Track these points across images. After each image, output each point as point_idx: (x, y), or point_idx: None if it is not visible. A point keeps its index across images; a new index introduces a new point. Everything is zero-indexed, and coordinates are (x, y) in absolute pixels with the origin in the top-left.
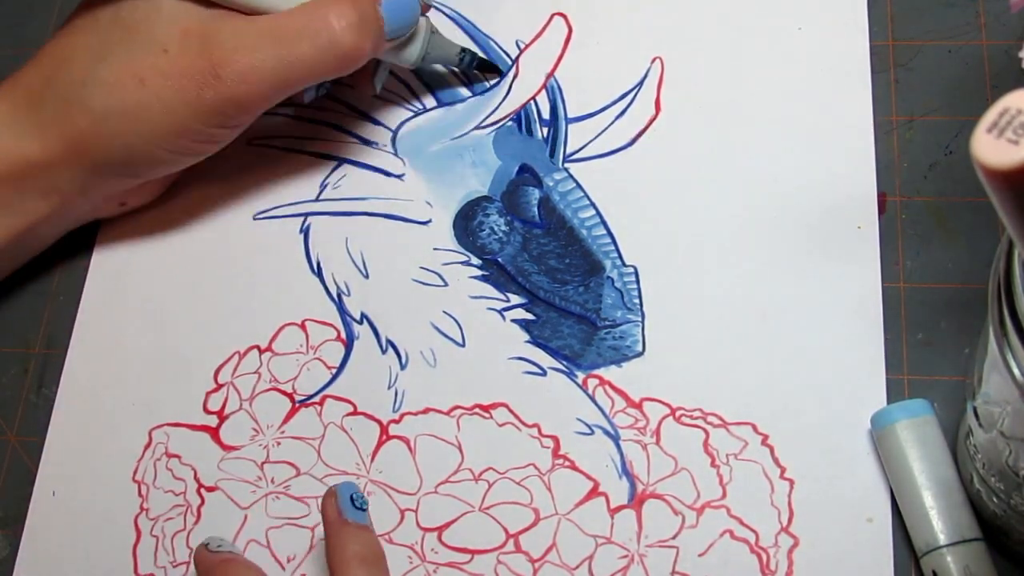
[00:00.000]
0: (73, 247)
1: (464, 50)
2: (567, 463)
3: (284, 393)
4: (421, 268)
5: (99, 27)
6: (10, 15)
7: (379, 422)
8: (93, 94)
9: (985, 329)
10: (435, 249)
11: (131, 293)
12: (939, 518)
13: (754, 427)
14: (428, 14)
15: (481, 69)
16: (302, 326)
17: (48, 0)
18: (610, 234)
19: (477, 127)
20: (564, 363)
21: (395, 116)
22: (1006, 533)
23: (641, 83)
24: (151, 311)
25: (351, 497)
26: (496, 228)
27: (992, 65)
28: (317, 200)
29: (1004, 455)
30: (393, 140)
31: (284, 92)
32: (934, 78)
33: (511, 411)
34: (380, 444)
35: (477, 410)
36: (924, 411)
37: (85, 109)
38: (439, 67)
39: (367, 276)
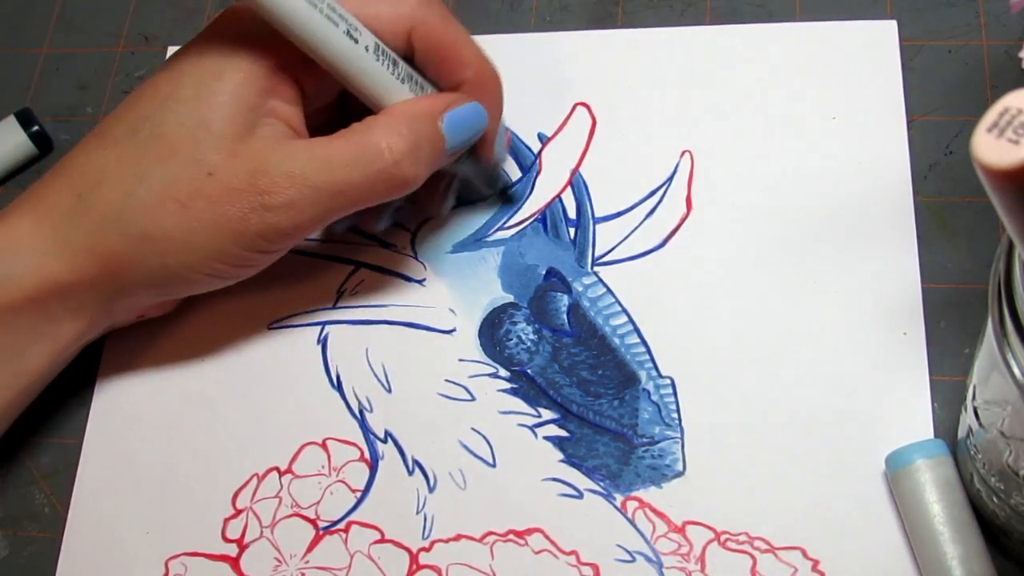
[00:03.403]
0: None
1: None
2: None
3: (307, 519)
4: (446, 381)
5: (139, 143)
6: (10, 15)
7: (408, 550)
8: (132, 217)
9: (985, 329)
10: (460, 360)
11: (140, 412)
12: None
13: (803, 552)
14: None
15: (504, 194)
16: (323, 445)
17: (48, 0)
18: (644, 342)
19: (500, 228)
20: (601, 484)
21: (414, 216)
22: (1006, 533)
23: (671, 179)
24: (162, 430)
25: None
26: (524, 337)
27: (992, 65)
28: (334, 308)
29: (1004, 455)
30: (412, 242)
31: (331, 218)
32: (934, 78)
33: (547, 537)
34: (411, 574)
35: (511, 536)
36: (939, 452)
37: (122, 232)
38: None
39: (390, 390)
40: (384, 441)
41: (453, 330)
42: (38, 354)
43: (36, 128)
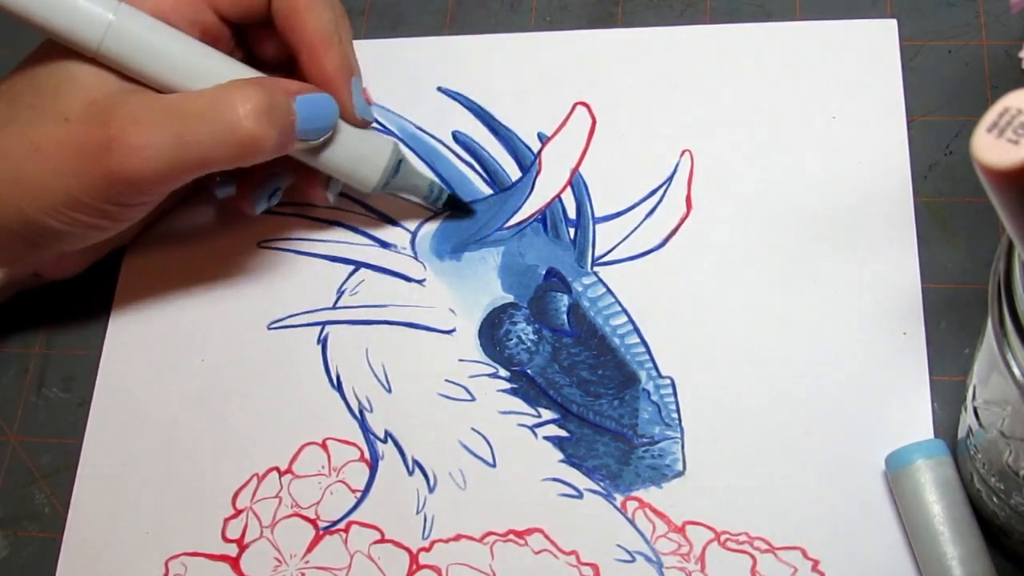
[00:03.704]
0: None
1: (434, 184)
2: None
3: (307, 519)
4: (446, 381)
5: (13, 94)
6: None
7: (408, 550)
8: None
9: (985, 329)
10: (460, 360)
11: (140, 412)
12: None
13: (803, 552)
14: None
15: (452, 207)
16: (323, 446)
17: None
18: (644, 342)
19: (500, 228)
20: (601, 484)
21: (414, 214)
22: (1006, 533)
23: (671, 178)
24: (162, 430)
25: None
26: (524, 337)
27: (992, 65)
28: (334, 308)
29: (1004, 455)
30: (412, 242)
31: (181, 175)
32: (934, 78)
33: (547, 537)
34: (411, 574)
35: (511, 536)
36: (940, 452)
37: None
38: (406, 196)
39: (390, 390)
40: (384, 441)
41: (453, 330)
42: None
43: None
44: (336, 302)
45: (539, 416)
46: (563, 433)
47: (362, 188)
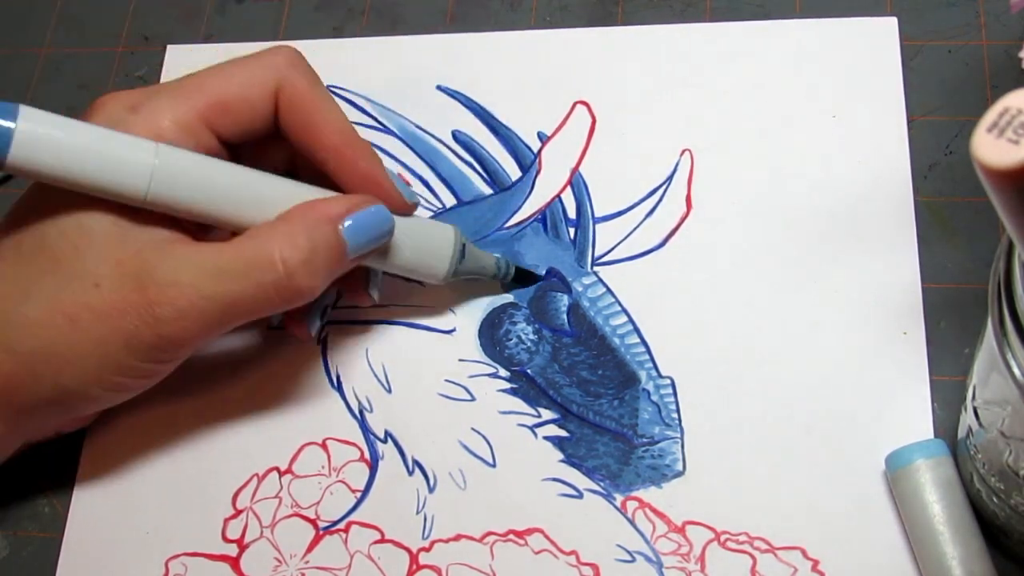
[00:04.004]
0: None
1: (500, 261)
2: None
3: (307, 519)
4: (446, 381)
5: (22, 256)
6: (10, 15)
7: (408, 550)
8: (19, 336)
9: (985, 329)
10: (460, 360)
11: (140, 412)
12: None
13: (803, 552)
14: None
15: (519, 280)
16: (323, 446)
17: (48, 0)
18: (644, 342)
19: (500, 227)
20: (601, 484)
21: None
22: (1006, 533)
23: (670, 178)
24: (162, 430)
25: None
26: (524, 337)
27: (992, 65)
28: (334, 308)
29: (1004, 455)
30: None
31: (224, 328)
32: (934, 78)
33: (547, 537)
34: (411, 574)
35: (511, 536)
36: (940, 452)
37: (11, 351)
38: (473, 277)
39: (390, 390)
40: (384, 441)
41: (453, 330)
42: None
43: None
44: (336, 302)
45: (539, 416)
46: (563, 433)
47: (431, 280)
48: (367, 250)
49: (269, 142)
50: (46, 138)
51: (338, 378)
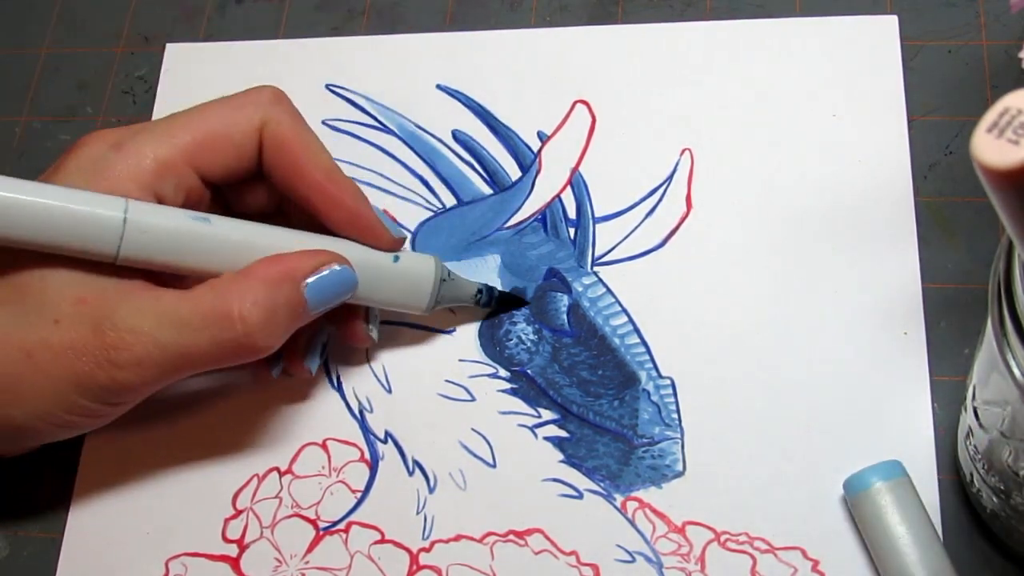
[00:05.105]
0: None
1: (481, 290)
2: None
3: (307, 519)
4: (447, 381)
5: None
6: (10, 15)
7: (408, 550)
8: None
9: (985, 329)
10: (460, 360)
11: (140, 411)
12: None
13: (803, 552)
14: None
15: (504, 304)
16: (323, 446)
17: (48, 0)
18: (644, 343)
19: (500, 227)
20: (601, 484)
21: (413, 215)
22: (1006, 533)
23: (671, 178)
24: (162, 430)
25: None
26: (524, 337)
27: (992, 65)
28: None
29: (1004, 455)
30: (412, 241)
31: (179, 376)
32: (934, 78)
33: (547, 537)
34: (411, 574)
35: (511, 536)
36: (898, 473)
37: None
38: (456, 305)
39: (390, 391)
40: (384, 441)
41: (453, 330)
42: None
43: None
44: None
45: (539, 416)
46: (563, 433)
47: (414, 312)
48: (328, 308)
49: (254, 183)
50: (14, 204)
51: (338, 378)
